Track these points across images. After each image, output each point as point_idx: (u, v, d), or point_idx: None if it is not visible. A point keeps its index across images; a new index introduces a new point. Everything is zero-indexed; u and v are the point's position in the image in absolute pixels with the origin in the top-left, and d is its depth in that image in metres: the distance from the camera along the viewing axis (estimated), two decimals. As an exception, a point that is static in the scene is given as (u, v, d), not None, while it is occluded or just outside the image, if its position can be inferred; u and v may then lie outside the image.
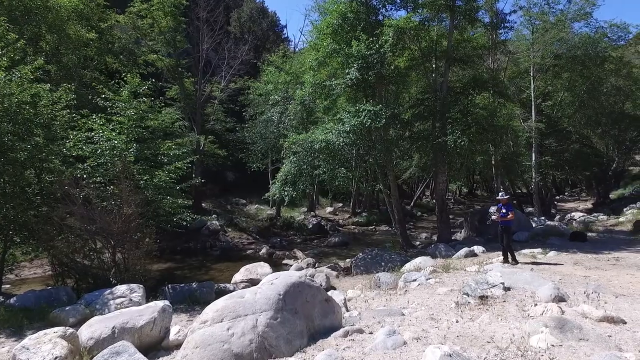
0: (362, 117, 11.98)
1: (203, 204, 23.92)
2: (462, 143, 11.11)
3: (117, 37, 20.22)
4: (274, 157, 22.58)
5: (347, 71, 13.16)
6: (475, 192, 51.68)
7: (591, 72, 21.73)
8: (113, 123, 8.81)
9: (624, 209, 20.44)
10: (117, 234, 8.16)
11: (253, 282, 10.69)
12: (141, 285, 6.65)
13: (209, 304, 8.72)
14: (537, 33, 21.86)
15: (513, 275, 5.76)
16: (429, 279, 6.94)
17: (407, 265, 10.42)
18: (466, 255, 10.31)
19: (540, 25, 21.91)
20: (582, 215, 20.76)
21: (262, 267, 11.03)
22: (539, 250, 10.09)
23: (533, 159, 21.13)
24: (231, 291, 9.40)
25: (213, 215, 21.78)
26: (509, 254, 8.62)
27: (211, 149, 24.19)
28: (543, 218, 19.81)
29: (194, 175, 23.02)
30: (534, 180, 21.73)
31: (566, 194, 45.41)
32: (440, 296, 5.89)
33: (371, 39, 12.71)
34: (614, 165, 28.02)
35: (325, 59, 14.43)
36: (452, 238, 15.28)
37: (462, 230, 15.67)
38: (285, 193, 12.59)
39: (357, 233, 22.54)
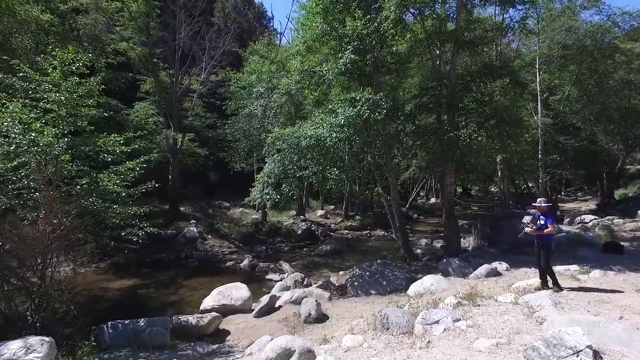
0: (359, 107, 10.08)
1: (182, 208, 21.77)
2: (479, 138, 9.28)
3: (81, 22, 17.97)
4: (259, 156, 20.56)
5: (340, 55, 11.27)
6: (470, 192, 50.28)
7: (599, 64, 20.23)
8: (37, 111, 6.73)
9: (639, 212, 18.93)
10: (35, 256, 6.11)
11: (225, 310, 8.70)
12: (47, 339, 4.59)
13: (161, 347, 6.77)
14: (543, 22, 20.29)
15: (595, 328, 3.89)
16: (458, 320, 5.04)
17: (415, 286, 8.56)
18: (487, 275, 8.45)
19: (545, 14, 20.34)
20: (595, 219, 19.14)
21: (238, 290, 9.03)
22: (576, 267, 8.31)
23: (539, 157, 19.56)
24: (193, 326, 7.39)
25: (192, 221, 19.63)
26: (548, 277, 6.80)
27: (190, 147, 22.08)
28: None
29: (170, 177, 20.95)
30: (540, 180, 20.15)
31: (563, 193, 44.08)
32: (484, 356, 3.98)
33: (368, 16, 10.84)
34: (619, 163, 26.67)
35: (314, 42, 12.51)
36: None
37: (471, 238, 13.87)
38: (267, 197, 10.61)
39: (351, 239, 20.64)
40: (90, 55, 8.98)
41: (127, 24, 19.32)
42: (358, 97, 10.40)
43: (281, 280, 12.05)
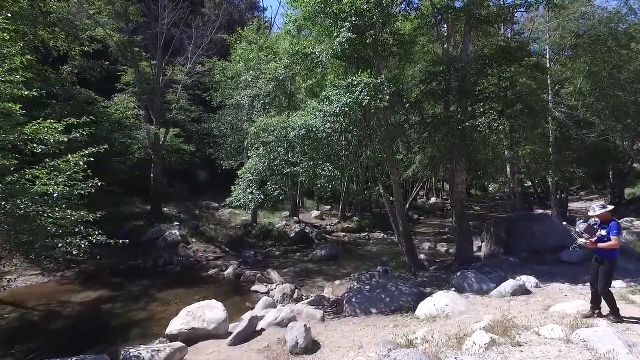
0: (358, 92, 8.58)
1: (165, 209, 20.15)
2: (500, 127, 7.81)
3: (53, 5, 16.32)
4: (248, 152, 18.99)
5: (336, 34, 9.78)
6: (470, 192, 48.92)
7: (613, 55, 18.80)
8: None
9: (659, 213, 17.62)
10: None
11: (196, 335, 7.15)
12: None
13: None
14: (555, 9, 18.82)
15: None
16: (500, 375, 3.54)
17: (425, 306, 7.08)
18: (514, 293, 6.95)
19: (557, 1, 18.88)
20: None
21: (212, 310, 7.48)
22: (622, 284, 6.85)
23: (551, 154, 18.15)
24: (148, 364, 5.85)
25: (175, 223, 18.05)
26: (605, 302, 5.31)
27: (174, 143, 20.47)
28: (565, 224, 16.81)
29: (152, 175, 19.35)
30: (551, 179, 18.74)
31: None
32: None
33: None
34: (631, 161, 25.31)
35: (306, 21, 11.00)
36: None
37: (483, 244, 12.39)
38: (251, 197, 9.09)
39: (348, 242, 19.13)
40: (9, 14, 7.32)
41: (103, 7, 17.71)
42: (356, 82, 8.90)
43: (268, 293, 10.52)
